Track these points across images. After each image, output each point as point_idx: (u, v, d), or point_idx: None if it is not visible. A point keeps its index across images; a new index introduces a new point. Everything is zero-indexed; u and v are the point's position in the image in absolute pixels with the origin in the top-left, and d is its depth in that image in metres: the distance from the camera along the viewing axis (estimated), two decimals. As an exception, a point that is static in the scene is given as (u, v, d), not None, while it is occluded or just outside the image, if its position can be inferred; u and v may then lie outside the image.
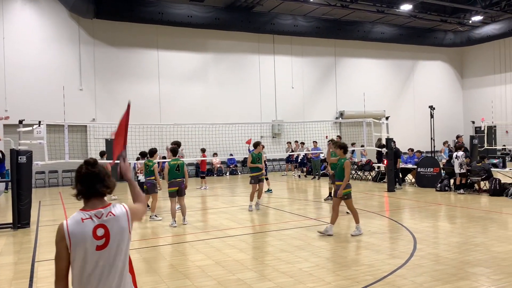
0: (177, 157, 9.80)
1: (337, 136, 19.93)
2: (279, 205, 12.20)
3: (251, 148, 19.91)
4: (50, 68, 20.47)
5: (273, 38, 25.28)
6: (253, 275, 5.85)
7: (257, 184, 11.28)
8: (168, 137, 17.51)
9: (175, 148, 10.03)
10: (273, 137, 24.99)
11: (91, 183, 2.43)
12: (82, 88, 21.12)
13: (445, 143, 20.03)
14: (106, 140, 20.47)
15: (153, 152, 10.75)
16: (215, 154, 21.42)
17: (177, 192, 9.53)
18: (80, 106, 20.55)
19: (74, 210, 2.46)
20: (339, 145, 8.47)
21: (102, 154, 14.85)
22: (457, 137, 18.50)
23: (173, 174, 9.48)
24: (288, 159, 22.87)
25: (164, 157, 13.46)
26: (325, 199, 12.76)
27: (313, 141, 19.75)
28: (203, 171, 17.28)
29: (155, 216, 10.39)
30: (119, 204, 2.54)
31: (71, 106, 19.32)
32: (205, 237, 8.50)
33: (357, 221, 8.18)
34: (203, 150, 17.79)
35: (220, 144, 18.65)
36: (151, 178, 10.44)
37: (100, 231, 2.38)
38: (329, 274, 5.84)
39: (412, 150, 16.85)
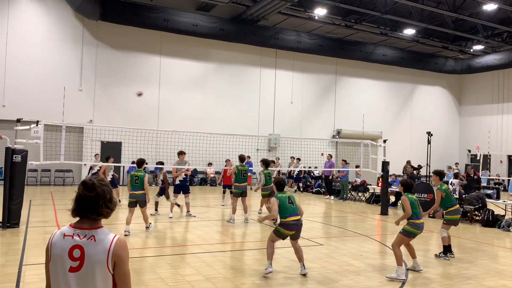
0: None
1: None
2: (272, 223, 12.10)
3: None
4: (51, 66, 20.45)
5: (276, 52, 25.43)
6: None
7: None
8: (165, 144, 17.45)
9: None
10: (269, 151, 24.99)
11: (84, 206, 2.30)
12: (82, 89, 21.08)
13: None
14: (102, 142, 20.40)
15: (141, 162, 10.12)
16: (209, 164, 21.36)
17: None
18: (78, 107, 20.50)
19: (65, 212, 2.38)
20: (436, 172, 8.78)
21: (107, 158, 14.42)
22: (456, 164, 18.61)
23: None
24: (290, 175, 22.58)
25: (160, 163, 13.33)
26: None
27: (342, 160, 19.35)
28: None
29: (150, 225, 10.10)
30: (112, 235, 2.32)
31: (69, 106, 19.25)
32: (195, 250, 8.42)
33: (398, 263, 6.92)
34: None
35: (215, 154, 18.60)
36: (142, 191, 9.66)
37: (77, 253, 2.25)
38: (320, 298, 5.79)
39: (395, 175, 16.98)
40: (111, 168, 14.10)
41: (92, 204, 2.30)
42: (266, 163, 12.27)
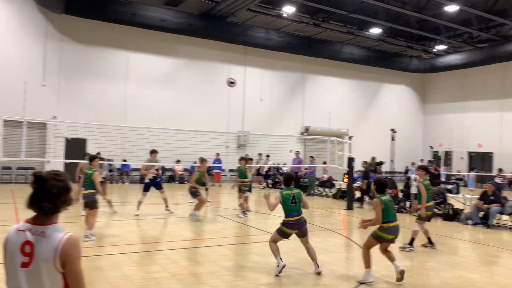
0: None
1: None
2: (243, 219, 12.14)
3: None
4: (13, 60, 19.72)
5: (245, 49, 25.43)
6: (209, 290, 5.79)
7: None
8: (132, 140, 17.19)
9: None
10: (239, 148, 25.00)
11: (34, 198, 2.25)
12: (45, 84, 20.45)
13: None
14: (66, 139, 19.89)
15: (93, 158, 9.19)
16: (178, 161, 21.18)
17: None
18: (41, 102, 19.88)
19: (26, 211, 2.32)
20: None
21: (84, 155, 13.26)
22: (421, 160, 19.17)
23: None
24: (259, 172, 22.71)
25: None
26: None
27: (310, 156, 19.57)
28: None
29: (91, 235, 8.62)
30: (62, 232, 2.25)
31: (32, 102, 18.67)
32: (162, 247, 8.35)
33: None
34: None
35: (184, 151, 18.47)
36: (91, 191, 8.76)
37: (28, 248, 2.21)
38: (285, 292, 5.86)
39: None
40: (101, 172, 12.27)
41: (36, 197, 2.25)
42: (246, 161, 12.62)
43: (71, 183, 2.38)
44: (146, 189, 12.12)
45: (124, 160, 19.31)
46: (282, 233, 6.62)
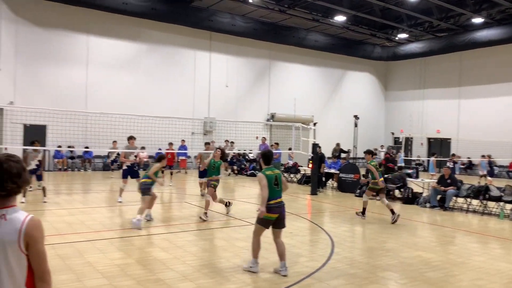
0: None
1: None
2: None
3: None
4: (-36, 43, 18.75)
5: (210, 35, 25.16)
6: (174, 275, 5.81)
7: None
8: (94, 127, 16.81)
9: None
10: (205, 134, 24.88)
11: None
12: (1, 68, 19.57)
13: (484, 156, 21.02)
14: (25, 125, 19.21)
15: None
16: (143, 148, 20.84)
17: None
18: (-3, 87, 19.05)
19: None
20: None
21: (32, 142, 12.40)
22: (381, 146, 19.63)
23: None
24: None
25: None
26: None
27: (274, 143, 19.74)
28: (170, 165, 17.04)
29: None
30: (24, 214, 2.24)
31: (-14, 87, 17.85)
32: (125, 234, 8.28)
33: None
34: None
35: (148, 137, 18.18)
36: None
37: None
38: (250, 275, 5.97)
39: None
40: (36, 155, 11.76)
41: None
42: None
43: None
44: (124, 176, 12.04)
45: (86, 147, 18.85)
46: (264, 222, 5.97)
